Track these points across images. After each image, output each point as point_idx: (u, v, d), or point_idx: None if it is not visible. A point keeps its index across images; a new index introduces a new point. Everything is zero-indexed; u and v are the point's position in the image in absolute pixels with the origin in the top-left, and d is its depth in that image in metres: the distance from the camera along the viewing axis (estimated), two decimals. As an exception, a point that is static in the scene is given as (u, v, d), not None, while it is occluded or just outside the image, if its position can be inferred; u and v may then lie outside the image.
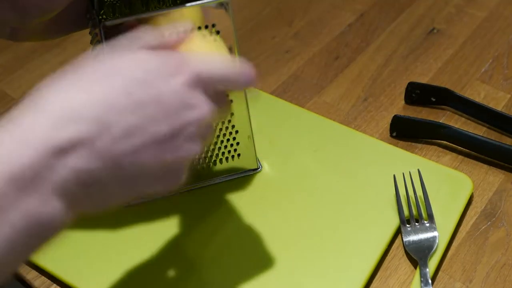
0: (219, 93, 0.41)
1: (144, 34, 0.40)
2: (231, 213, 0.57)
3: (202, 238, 0.55)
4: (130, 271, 0.52)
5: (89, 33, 0.53)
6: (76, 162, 0.34)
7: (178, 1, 0.51)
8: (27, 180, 0.33)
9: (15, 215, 0.33)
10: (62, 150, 0.34)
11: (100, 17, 0.49)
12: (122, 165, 0.36)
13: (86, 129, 0.34)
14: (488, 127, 0.66)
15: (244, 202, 0.57)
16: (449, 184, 0.58)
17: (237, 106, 0.55)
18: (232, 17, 0.51)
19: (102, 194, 0.36)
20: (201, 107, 0.38)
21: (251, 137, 0.57)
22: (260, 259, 0.53)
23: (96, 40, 0.51)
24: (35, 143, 0.33)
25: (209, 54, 0.42)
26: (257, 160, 0.60)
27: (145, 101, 0.36)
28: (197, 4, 0.50)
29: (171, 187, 0.40)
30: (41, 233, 0.34)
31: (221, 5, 0.50)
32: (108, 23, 0.48)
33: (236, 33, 0.52)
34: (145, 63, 0.37)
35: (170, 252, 0.54)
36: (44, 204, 0.33)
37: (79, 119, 0.34)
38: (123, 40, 0.39)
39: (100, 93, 0.35)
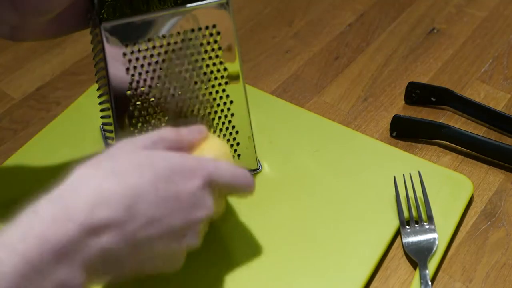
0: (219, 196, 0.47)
1: (168, 135, 0.46)
2: (231, 213, 0.57)
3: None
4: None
5: (90, 33, 0.53)
6: (105, 242, 0.39)
7: (179, 1, 0.51)
8: (65, 253, 0.37)
9: (50, 281, 0.37)
10: (96, 230, 0.38)
11: (101, 16, 0.49)
12: (139, 249, 0.41)
13: (118, 214, 0.39)
14: (488, 127, 0.66)
15: (244, 202, 0.57)
16: (449, 186, 0.58)
17: (237, 107, 0.55)
18: (232, 17, 0.51)
19: (116, 270, 0.41)
20: (208, 208, 0.44)
21: (251, 137, 0.57)
22: (259, 259, 0.53)
23: (96, 40, 0.51)
24: (76, 220, 0.38)
25: (219, 159, 0.47)
26: (257, 160, 0.60)
27: (167, 197, 0.42)
28: (197, 5, 0.50)
29: (169, 270, 0.45)
30: None
31: (221, 5, 0.50)
32: (109, 23, 0.48)
33: (236, 34, 0.52)
34: (171, 163, 0.43)
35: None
36: (73, 275, 0.38)
37: (113, 204, 0.39)
38: (150, 136, 0.45)
39: (132, 183, 0.40)
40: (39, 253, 0.36)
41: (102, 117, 0.57)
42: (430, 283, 0.51)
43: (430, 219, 0.55)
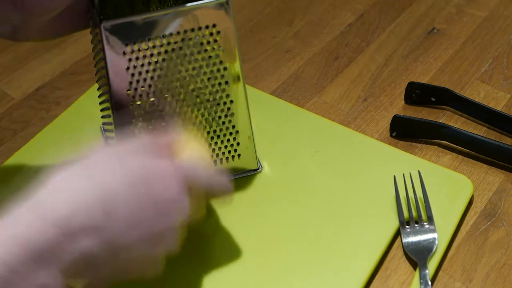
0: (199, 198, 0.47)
1: (145, 140, 0.46)
2: (231, 213, 0.57)
3: (202, 238, 0.55)
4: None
5: (90, 32, 0.53)
6: (84, 246, 0.38)
7: (179, 1, 0.51)
8: (44, 256, 0.37)
9: (26, 285, 0.36)
10: (75, 234, 0.38)
11: (101, 17, 0.49)
12: (117, 253, 0.40)
13: (97, 219, 0.39)
14: (488, 127, 0.66)
15: (244, 202, 0.58)
16: (450, 186, 0.58)
17: (238, 106, 0.55)
18: (232, 17, 0.51)
19: (94, 274, 0.40)
20: (187, 211, 0.44)
21: (252, 137, 0.57)
22: (259, 260, 0.53)
23: (96, 40, 0.51)
24: (56, 224, 0.37)
25: (198, 162, 0.47)
26: (258, 160, 0.60)
27: (146, 202, 0.41)
28: (197, 5, 0.50)
29: (149, 275, 0.44)
30: None
31: (221, 5, 0.50)
32: (109, 23, 0.48)
33: (236, 34, 0.52)
34: (149, 168, 0.42)
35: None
36: (51, 279, 0.37)
37: (92, 209, 0.39)
38: (128, 144, 0.44)
39: (110, 188, 0.40)
40: (19, 256, 0.36)
41: (103, 116, 0.57)
42: (430, 283, 0.51)
43: (430, 219, 0.55)
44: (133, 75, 0.51)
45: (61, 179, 0.40)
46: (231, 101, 0.55)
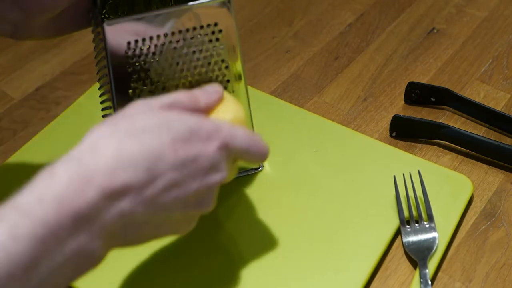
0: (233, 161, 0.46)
1: (183, 97, 0.44)
2: (232, 212, 0.57)
3: (202, 237, 0.55)
4: (130, 271, 0.52)
5: (92, 31, 0.53)
6: (125, 206, 0.38)
7: (180, 0, 0.51)
8: (84, 218, 0.36)
9: (68, 248, 0.36)
10: (116, 194, 0.37)
11: (103, 16, 0.49)
12: (157, 213, 0.40)
13: (138, 178, 0.38)
14: (488, 127, 0.66)
15: (245, 201, 0.58)
16: (449, 186, 0.59)
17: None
18: (234, 16, 0.51)
19: (134, 235, 0.40)
20: (223, 172, 0.43)
21: (253, 136, 0.57)
22: (259, 259, 0.53)
23: (98, 39, 0.51)
24: (96, 183, 0.37)
25: (235, 123, 0.46)
26: (258, 159, 0.60)
27: (186, 160, 0.40)
28: (199, 3, 0.50)
29: (181, 233, 0.45)
30: (82, 266, 0.38)
31: (223, 4, 0.50)
32: (111, 22, 0.48)
33: (238, 32, 0.52)
34: (188, 125, 0.41)
35: (170, 252, 0.54)
36: (91, 241, 0.37)
37: (133, 167, 0.38)
38: (165, 98, 0.43)
39: (151, 145, 0.39)
40: (57, 217, 0.35)
41: (104, 116, 0.57)
42: (430, 282, 0.51)
43: (430, 218, 0.55)
44: (135, 74, 0.51)
45: (100, 134, 0.39)
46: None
